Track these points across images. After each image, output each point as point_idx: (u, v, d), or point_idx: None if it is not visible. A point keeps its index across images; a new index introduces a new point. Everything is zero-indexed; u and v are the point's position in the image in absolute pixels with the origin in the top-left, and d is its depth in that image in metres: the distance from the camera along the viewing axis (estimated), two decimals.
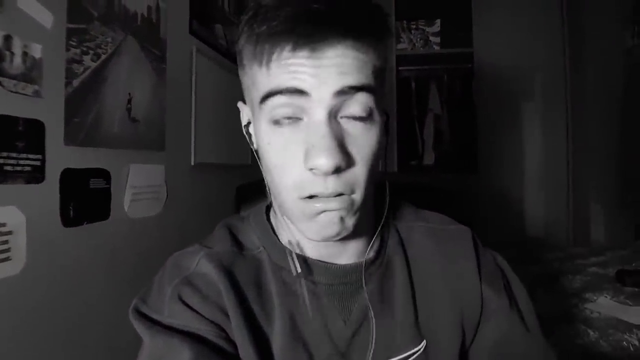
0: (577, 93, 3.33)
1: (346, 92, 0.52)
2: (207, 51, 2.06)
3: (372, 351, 0.61)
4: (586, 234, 3.11)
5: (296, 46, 0.50)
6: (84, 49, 1.25)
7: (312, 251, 0.63)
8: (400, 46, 3.76)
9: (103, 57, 1.33)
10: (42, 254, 1.12)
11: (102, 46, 1.33)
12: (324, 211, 0.54)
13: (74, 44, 1.21)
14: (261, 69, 0.53)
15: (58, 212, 1.18)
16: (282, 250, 0.64)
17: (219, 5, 2.23)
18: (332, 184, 0.52)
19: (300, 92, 0.51)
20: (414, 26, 3.74)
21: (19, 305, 1.05)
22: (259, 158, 0.60)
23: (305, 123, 0.53)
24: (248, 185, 1.00)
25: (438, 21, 3.70)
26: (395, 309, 0.64)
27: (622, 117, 2.82)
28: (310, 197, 0.54)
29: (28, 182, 1.08)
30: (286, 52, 0.51)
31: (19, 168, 1.05)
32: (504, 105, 3.48)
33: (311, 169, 0.52)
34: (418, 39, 3.75)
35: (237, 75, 0.63)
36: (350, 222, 0.56)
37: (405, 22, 3.75)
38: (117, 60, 1.40)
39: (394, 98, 3.71)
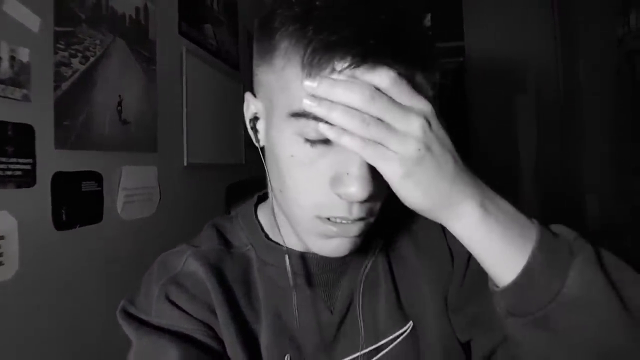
0: (570, 84, 3.34)
1: None
2: (197, 51, 2.06)
3: (342, 340, 0.62)
4: (582, 225, 3.12)
5: (353, 64, 0.46)
6: (72, 51, 1.24)
7: (297, 245, 0.64)
8: None
9: (92, 59, 1.32)
10: (35, 258, 1.11)
11: (91, 48, 1.32)
12: (340, 236, 0.54)
13: (61, 46, 1.20)
14: (301, 75, 0.48)
15: (50, 216, 1.18)
16: (269, 247, 0.64)
17: (207, 5, 2.22)
18: (357, 210, 0.51)
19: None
20: None
21: (12, 310, 1.05)
22: (264, 157, 0.58)
23: (339, 145, 0.49)
24: (237, 184, 1.00)
25: (428, 15, 3.70)
26: (379, 294, 0.65)
27: (615, 106, 2.83)
28: (331, 218, 0.53)
29: (19, 186, 1.07)
30: (339, 69, 0.46)
31: (9, 173, 1.04)
32: (497, 98, 3.49)
33: (339, 194, 0.50)
34: None
35: (228, 75, 0.60)
36: (360, 242, 0.56)
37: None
38: (106, 62, 1.39)
39: None
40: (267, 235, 0.65)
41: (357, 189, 0.48)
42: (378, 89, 0.45)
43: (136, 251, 1.51)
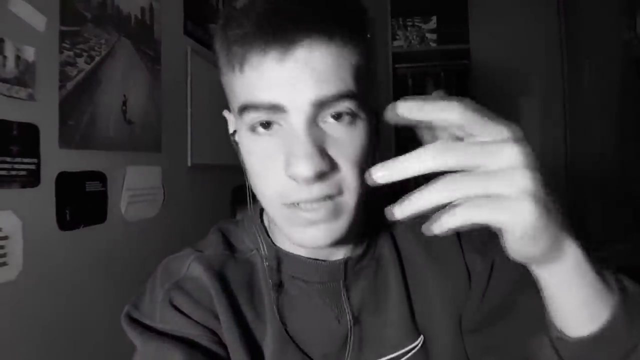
0: (574, 87, 3.33)
1: (324, 102, 0.49)
2: (202, 51, 2.05)
3: (349, 350, 0.61)
4: (584, 229, 3.11)
5: (267, 47, 0.48)
6: (78, 51, 1.24)
7: (302, 250, 0.62)
8: (396, 43, 3.75)
9: (97, 59, 1.32)
10: (39, 258, 1.11)
11: (96, 48, 1.32)
12: (312, 222, 0.52)
13: (67, 46, 1.20)
14: (235, 74, 0.52)
15: (54, 216, 1.17)
16: (274, 251, 0.63)
17: (213, 5, 2.22)
18: (316, 190, 0.50)
19: (276, 107, 0.49)
20: (410, 23, 3.73)
21: (16, 311, 1.05)
22: (244, 166, 0.59)
23: (284, 129, 0.51)
24: (243, 187, 0.99)
25: (434, 18, 3.69)
26: (390, 304, 0.63)
27: (620, 110, 2.82)
28: (295, 203, 0.52)
29: (23, 186, 1.07)
30: (257, 55, 0.49)
31: (14, 172, 1.04)
32: (502, 101, 3.47)
33: (291, 177, 0.50)
34: (414, 36, 3.74)
35: None
36: (341, 227, 0.54)
37: (401, 19, 3.74)
38: (112, 62, 1.39)
39: (391, 96, 3.70)
40: (272, 240, 0.65)
41: (303, 166, 0.48)
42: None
43: (140, 252, 1.51)
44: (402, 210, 0.37)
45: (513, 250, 0.40)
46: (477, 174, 0.36)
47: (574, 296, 0.43)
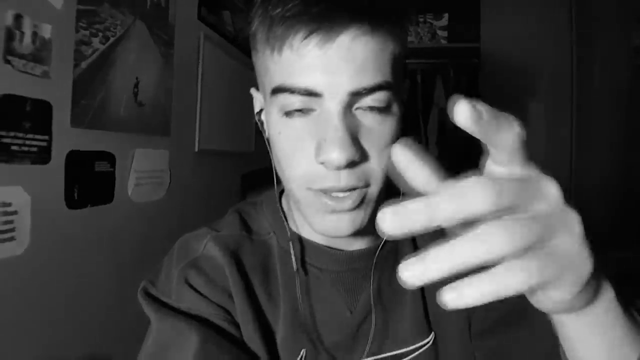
0: (583, 91, 3.32)
1: (362, 92, 0.49)
2: (214, 38, 2.05)
3: (369, 343, 0.60)
4: (589, 233, 3.11)
5: (310, 31, 0.47)
6: (93, 31, 1.24)
7: (320, 237, 0.62)
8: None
9: (112, 39, 1.32)
10: (46, 235, 1.12)
11: (111, 29, 1.32)
12: (336, 210, 0.52)
13: (83, 25, 1.20)
14: (273, 55, 0.51)
15: (63, 193, 1.18)
16: (296, 236, 0.63)
17: None
18: (345, 178, 0.50)
19: (312, 92, 0.49)
20: (422, 19, 3.72)
21: (22, 285, 1.06)
22: (270, 147, 0.58)
23: (318, 114, 0.50)
24: (252, 173, 1.00)
25: (446, 15, 3.68)
26: (405, 300, 0.64)
27: (627, 116, 2.81)
28: (323, 190, 0.52)
29: (34, 162, 1.08)
30: (299, 38, 0.48)
31: (25, 148, 1.05)
32: (510, 101, 3.47)
33: (322, 163, 0.50)
34: (425, 33, 3.72)
35: (244, 63, 0.61)
36: (364, 217, 0.54)
37: (412, 15, 3.73)
38: (126, 43, 1.39)
39: None
40: (289, 224, 0.65)
41: (336, 154, 0.48)
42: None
43: (144, 233, 1.52)
44: (421, 276, 0.29)
45: (541, 303, 0.33)
46: (527, 222, 0.29)
47: (598, 342, 0.38)
